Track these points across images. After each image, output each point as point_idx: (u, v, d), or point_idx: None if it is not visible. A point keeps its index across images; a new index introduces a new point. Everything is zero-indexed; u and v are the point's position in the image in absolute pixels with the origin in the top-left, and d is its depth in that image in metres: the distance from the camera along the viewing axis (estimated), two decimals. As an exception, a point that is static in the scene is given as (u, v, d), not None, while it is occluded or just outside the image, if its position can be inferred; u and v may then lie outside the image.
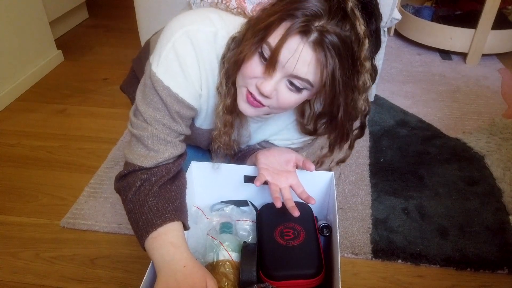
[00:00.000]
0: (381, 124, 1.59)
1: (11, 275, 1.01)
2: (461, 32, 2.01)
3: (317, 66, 0.60)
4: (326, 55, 0.58)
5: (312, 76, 0.61)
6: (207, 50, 0.71)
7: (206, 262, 0.80)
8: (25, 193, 1.26)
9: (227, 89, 0.72)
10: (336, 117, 0.68)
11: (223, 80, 0.71)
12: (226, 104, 0.73)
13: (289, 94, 0.65)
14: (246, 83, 0.66)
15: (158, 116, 0.71)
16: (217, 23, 0.71)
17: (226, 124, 0.75)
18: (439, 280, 1.00)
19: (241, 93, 0.68)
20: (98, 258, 1.05)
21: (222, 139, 0.78)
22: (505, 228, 1.13)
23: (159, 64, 0.70)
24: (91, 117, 1.64)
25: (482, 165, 1.36)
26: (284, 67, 0.61)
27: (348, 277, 1.00)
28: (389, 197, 1.23)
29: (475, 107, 1.71)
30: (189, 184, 0.87)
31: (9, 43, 1.71)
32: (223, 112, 0.74)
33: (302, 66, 0.60)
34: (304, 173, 0.90)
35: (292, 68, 0.61)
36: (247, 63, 0.64)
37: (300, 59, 0.59)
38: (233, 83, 0.71)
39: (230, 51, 0.69)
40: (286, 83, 0.64)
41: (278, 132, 0.88)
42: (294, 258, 0.76)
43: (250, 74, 0.64)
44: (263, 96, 0.65)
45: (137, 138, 0.72)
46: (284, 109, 0.70)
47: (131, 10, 1.59)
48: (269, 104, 0.67)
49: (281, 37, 0.59)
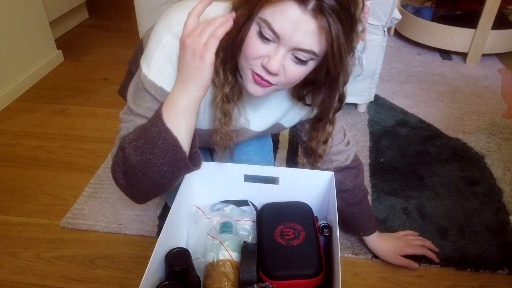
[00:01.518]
0: (381, 124, 1.59)
1: (11, 275, 1.01)
2: (461, 32, 2.01)
3: (321, 34, 0.58)
4: (329, 21, 0.56)
5: (317, 46, 0.59)
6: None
7: (207, 261, 0.80)
8: (25, 193, 1.26)
9: (225, 77, 0.70)
10: (336, 81, 0.65)
11: (220, 70, 0.69)
12: (224, 93, 0.71)
13: (295, 68, 0.63)
14: (250, 65, 0.64)
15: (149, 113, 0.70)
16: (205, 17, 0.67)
17: (226, 114, 0.74)
18: (439, 280, 1.00)
19: (247, 75, 0.66)
20: (98, 258, 1.05)
21: (223, 129, 0.76)
22: (505, 228, 1.13)
23: (150, 67, 0.69)
24: (91, 117, 1.64)
25: (482, 165, 1.36)
26: (287, 41, 0.59)
27: (348, 277, 1.00)
28: (389, 197, 1.23)
29: (475, 107, 1.71)
30: (189, 184, 0.88)
31: (9, 43, 1.71)
32: (222, 102, 0.72)
33: (305, 38, 0.58)
34: (304, 172, 0.90)
35: (296, 41, 0.58)
36: (248, 44, 0.62)
37: (303, 30, 0.57)
38: (230, 70, 0.69)
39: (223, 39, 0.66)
40: (291, 56, 0.62)
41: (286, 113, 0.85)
42: (294, 258, 0.76)
43: (254, 55, 0.62)
44: (271, 74, 0.63)
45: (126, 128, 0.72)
46: (293, 84, 0.67)
47: (131, 10, 1.59)
48: (277, 81, 0.65)
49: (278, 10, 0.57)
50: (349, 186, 0.95)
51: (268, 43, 0.61)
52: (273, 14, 0.57)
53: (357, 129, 1.55)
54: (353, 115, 1.64)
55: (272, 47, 0.61)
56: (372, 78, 1.56)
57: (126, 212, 1.17)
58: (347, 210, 0.99)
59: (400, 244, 1.02)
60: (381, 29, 1.44)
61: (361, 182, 0.98)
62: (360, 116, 1.63)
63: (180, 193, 0.80)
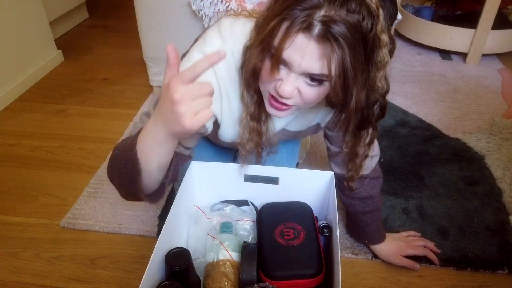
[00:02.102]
0: (381, 124, 1.58)
1: (11, 275, 1.01)
2: (461, 32, 2.01)
3: (324, 59, 0.58)
4: (332, 46, 0.56)
5: (326, 69, 0.59)
6: (225, 69, 0.72)
7: (207, 261, 0.80)
8: (25, 193, 1.26)
9: (250, 96, 0.73)
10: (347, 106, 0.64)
11: (244, 90, 0.72)
12: (250, 112, 0.74)
13: (310, 90, 0.63)
14: (267, 88, 0.67)
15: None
16: (228, 39, 0.72)
17: (251, 132, 0.76)
18: (439, 280, 1.00)
19: (266, 98, 0.69)
20: (98, 258, 1.05)
21: (248, 146, 0.78)
22: (505, 228, 1.13)
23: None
24: (91, 117, 1.64)
25: (482, 165, 1.36)
26: (296, 68, 0.60)
27: (348, 277, 1.00)
28: (389, 197, 1.23)
29: (475, 107, 1.71)
30: (189, 184, 0.88)
31: (9, 43, 1.71)
32: (247, 120, 0.75)
33: (312, 63, 0.59)
34: (304, 172, 0.90)
35: (304, 66, 0.60)
36: (263, 70, 0.64)
37: (308, 56, 0.58)
38: (255, 90, 0.72)
39: (247, 60, 0.69)
40: (304, 79, 0.62)
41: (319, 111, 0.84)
42: (294, 258, 0.76)
43: (269, 79, 0.64)
44: (284, 98, 0.64)
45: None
46: (311, 104, 0.68)
47: (131, 10, 1.59)
48: (295, 103, 0.66)
49: (284, 39, 0.57)
50: (364, 195, 0.95)
51: (280, 69, 0.62)
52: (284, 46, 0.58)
53: (357, 129, 1.55)
54: (353, 115, 1.64)
55: (285, 71, 0.63)
56: (372, 78, 1.56)
57: (126, 212, 1.17)
58: (357, 216, 1.00)
59: (401, 245, 1.02)
60: None
61: (377, 193, 0.97)
62: (360, 116, 1.63)
63: (180, 193, 0.80)
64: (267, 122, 0.79)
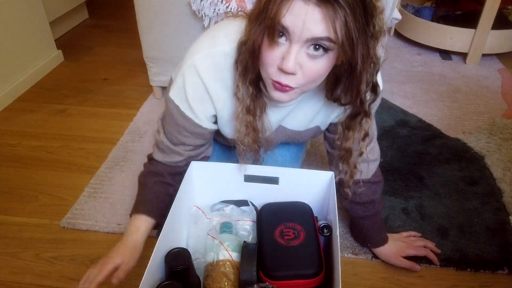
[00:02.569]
0: (381, 124, 1.59)
1: (11, 275, 1.01)
2: (461, 32, 2.01)
3: (328, 22, 0.56)
4: (334, 7, 0.55)
5: (331, 32, 0.57)
6: (217, 71, 0.74)
7: (206, 262, 0.80)
8: (25, 193, 1.26)
9: (245, 89, 0.73)
10: (355, 69, 0.62)
11: (239, 83, 0.72)
12: (245, 105, 0.74)
13: (312, 64, 0.62)
14: (269, 73, 0.65)
15: (168, 128, 0.83)
16: (222, 39, 0.73)
17: (247, 126, 0.76)
18: (439, 280, 1.00)
19: (269, 84, 0.67)
20: (98, 258, 1.04)
21: (245, 141, 0.78)
22: (505, 228, 1.13)
23: (173, 88, 0.79)
24: (91, 117, 1.64)
25: (482, 165, 1.36)
26: (298, 34, 0.59)
27: (348, 277, 1.00)
28: (389, 197, 1.23)
29: (475, 107, 1.71)
30: (189, 184, 0.88)
31: (9, 43, 1.71)
32: (243, 114, 0.75)
33: (315, 26, 0.57)
34: (304, 172, 0.90)
35: (307, 32, 0.58)
36: (262, 52, 0.64)
37: (310, 20, 0.57)
38: (250, 82, 0.71)
39: (241, 54, 0.69)
40: (307, 51, 0.61)
41: (318, 113, 0.84)
42: (294, 258, 0.76)
43: (270, 61, 0.63)
44: (290, 76, 0.63)
45: (155, 139, 0.88)
46: (315, 81, 0.66)
47: (131, 10, 1.59)
48: (297, 83, 0.64)
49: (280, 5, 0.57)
50: (365, 200, 0.94)
51: (281, 45, 0.61)
52: (280, 12, 0.58)
53: (357, 129, 1.55)
54: (353, 115, 1.64)
55: (285, 47, 0.61)
56: (372, 78, 1.56)
57: (126, 212, 1.17)
58: (358, 221, 1.00)
59: (401, 245, 1.02)
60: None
61: (378, 198, 0.96)
62: (360, 116, 1.63)
63: (180, 193, 0.80)
64: (262, 118, 0.78)
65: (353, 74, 0.64)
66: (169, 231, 0.75)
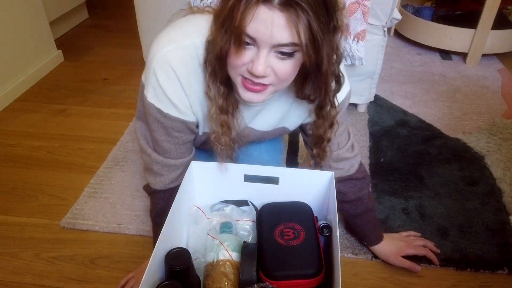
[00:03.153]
0: (381, 124, 1.59)
1: (11, 275, 1.01)
2: (461, 32, 2.01)
3: (292, 27, 0.57)
4: (297, 11, 0.56)
5: (296, 37, 0.58)
6: (190, 64, 0.71)
7: (206, 262, 0.80)
8: (25, 193, 1.26)
9: (217, 89, 0.72)
10: (321, 67, 0.64)
11: (210, 83, 0.71)
12: (218, 105, 0.73)
13: (282, 64, 0.63)
14: (238, 72, 0.65)
15: (157, 138, 0.79)
16: (192, 33, 0.71)
17: (223, 125, 0.75)
18: (439, 280, 1.00)
19: (239, 83, 0.67)
20: (98, 258, 1.05)
21: (222, 140, 0.77)
22: (505, 228, 1.13)
23: (148, 88, 0.74)
24: (91, 117, 1.64)
25: (482, 165, 1.36)
26: (265, 41, 0.59)
27: (348, 277, 1.00)
28: (389, 197, 1.23)
29: (475, 107, 1.71)
30: (189, 184, 0.88)
31: (9, 43, 1.71)
32: (217, 114, 0.74)
33: (280, 33, 0.58)
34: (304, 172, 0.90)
35: (273, 38, 0.59)
36: (231, 54, 0.63)
37: (275, 26, 0.57)
38: (221, 82, 0.71)
39: (210, 54, 0.69)
40: (275, 54, 0.62)
41: (286, 114, 0.85)
42: (294, 258, 0.76)
43: (239, 63, 0.63)
44: (259, 78, 0.64)
45: (146, 163, 0.85)
46: (286, 81, 0.68)
47: (131, 10, 1.59)
48: (270, 81, 0.65)
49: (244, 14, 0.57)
50: (351, 198, 0.94)
51: (248, 49, 0.61)
52: (245, 20, 0.58)
53: (357, 129, 1.55)
54: (353, 115, 1.64)
55: (253, 52, 0.62)
56: (372, 78, 1.56)
57: (126, 212, 1.17)
58: (350, 220, 1.01)
59: (401, 245, 1.02)
60: (381, 29, 1.44)
61: (366, 195, 0.95)
62: (360, 116, 1.63)
63: (180, 193, 0.80)
64: (236, 115, 0.78)
65: (320, 71, 0.66)
66: (169, 231, 0.75)
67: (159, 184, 0.86)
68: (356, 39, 1.38)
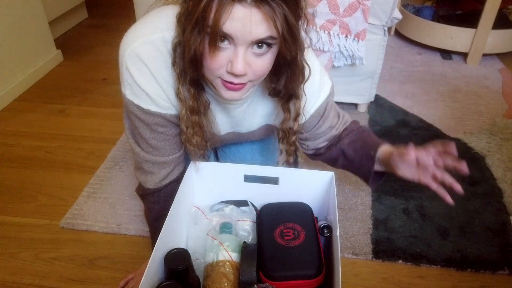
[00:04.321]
0: (382, 124, 1.59)
1: (10, 276, 1.00)
2: (462, 32, 2.01)
3: (268, 21, 0.58)
4: (272, 6, 0.56)
5: (271, 30, 0.59)
6: (160, 58, 0.70)
7: (206, 262, 0.80)
8: (24, 194, 1.25)
9: (186, 90, 0.71)
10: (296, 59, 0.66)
11: (179, 85, 0.70)
12: (189, 106, 0.72)
13: (260, 60, 0.63)
14: (217, 75, 0.65)
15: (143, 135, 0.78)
16: (162, 25, 0.69)
17: (194, 126, 0.75)
18: (439, 280, 0.99)
19: (218, 85, 0.67)
20: (97, 259, 1.04)
21: (194, 140, 0.77)
22: (505, 229, 1.12)
23: (124, 86, 0.73)
24: (90, 117, 1.64)
25: (483, 166, 1.36)
26: (242, 39, 0.59)
27: (348, 278, 1.00)
28: (389, 197, 1.23)
29: (476, 107, 1.71)
30: (189, 184, 0.87)
31: (9, 43, 1.71)
32: (187, 115, 0.73)
33: (257, 28, 0.58)
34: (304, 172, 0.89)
35: (250, 35, 0.59)
36: (206, 58, 0.62)
37: (252, 23, 0.57)
38: (190, 83, 0.70)
39: (178, 56, 0.68)
40: (252, 51, 0.62)
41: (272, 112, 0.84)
42: (294, 259, 0.75)
43: (216, 65, 0.63)
44: (240, 76, 0.63)
45: (136, 162, 0.84)
46: (263, 76, 0.68)
47: (131, 10, 1.58)
48: (249, 79, 0.65)
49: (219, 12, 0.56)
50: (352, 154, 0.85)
51: (225, 49, 0.61)
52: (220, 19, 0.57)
53: (357, 129, 1.55)
54: (353, 115, 1.63)
55: (230, 51, 0.61)
56: (373, 78, 1.56)
57: (125, 212, 1.17)
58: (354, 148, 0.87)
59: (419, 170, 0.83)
60: (381, 28, 1.44)
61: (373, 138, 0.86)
62: (360, 116, 1.63)
63: (179, 193, 0.80)
64: (207, 114, 0.77)
65: (295, 62, 0.66)
66: (168, 232, 0.75)
67: (150, 182, 0.84)
68: (357, 39, 1.37)
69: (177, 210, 0.79)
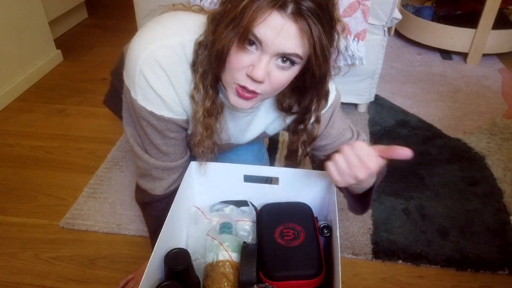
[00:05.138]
0: (382, 124, 1.59)
1: (10, 276, 1.00)
2: (462, 32, 2.01)
3: (302, 37, 0.58)
4: (309, 23, 0.56)
5: (300, 49, 0.59)
6: (178, 63, 0.69)
7: (206, 262, 0.80)
8: (24, 194, 1.25)
9: (205, 92, 0.70)
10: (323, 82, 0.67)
11: (199, 85, 0.69)
12: (206, 108, 0.71)
13: (280, 73, 0.62)
14: (235, 78, 0.64)
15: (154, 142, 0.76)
16: (179, 30, 0.69)
17: (207, 128, 0.74)
18: (439, 280, 0.99)
19: (232, 89, 0.66)
20: (97, 259, 1.04)
21: (205, 143, 0.76)
22: (505, 229, 1.12)
23: (136, 91, 0.71)
24: (90, 117, 1.64)
25: (483, 166, 1.36)
26: (270, 47, 0.59)
27: (348, 278, 1.00)
28: (389, 197, 1.23)
29: (476, 107, 1.71)
30: (189, 184, 0.87)
31: (9, 43, 1.71)
32: (204, 117, 0.72)
33: (288, 41, 0.58)
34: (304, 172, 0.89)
35: (279, 46, 0.58)
36: (231, 55, 0.62)
37: (285, 35, 0.57)
38: (210, 84, 0.69)
39: (200, 55, 0.67)
40: (275, 63, 0.62)
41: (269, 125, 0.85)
42: (294, 259, 0.75)
43: (238, 66, 0.62)
44: (257, 83, 0.63)
45: (143, 170, 0.82)
46: (277, 90, 0.67)
47: (131, 10, 1.58)
48: (263, 90, 0.64)
49: (255, 13, 0.56)
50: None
51: (251, 53, 0.61)
52: (255, 22, 0.57)
53: (357, 129, 1.55)
54: (353, 115, 1.63)
55: (255, 56, 0.61)
56: (372, 78, 1.56)
57: (125, 212, 1.17)
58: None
59: None
60: (381, 29, 1.44)
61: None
62: (360, 116, 1.63)
63: (179, 193, 0.80)
64: (220, 118, 0.76)
65: (320, 85, 0.68)
66: (168, 232, 0.75)
67: (159, 188, 0.83)
68: (357, 39, 1.37)
69: (177, 210, 0.79)
